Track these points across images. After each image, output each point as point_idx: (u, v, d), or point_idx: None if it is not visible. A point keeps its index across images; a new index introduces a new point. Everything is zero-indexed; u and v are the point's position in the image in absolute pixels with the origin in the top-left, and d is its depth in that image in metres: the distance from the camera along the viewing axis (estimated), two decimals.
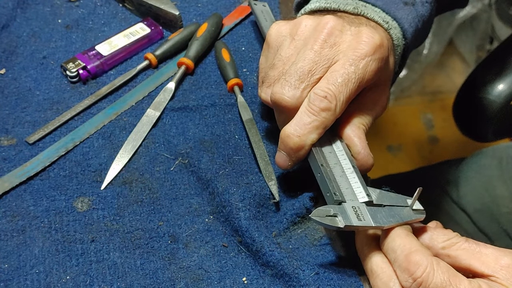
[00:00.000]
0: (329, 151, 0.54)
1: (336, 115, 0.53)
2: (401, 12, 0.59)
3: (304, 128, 0.52)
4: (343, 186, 0.52)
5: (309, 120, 0.52)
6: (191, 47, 0.71)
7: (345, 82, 0.52)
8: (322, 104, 0.51)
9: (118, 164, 0.61)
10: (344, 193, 0.51)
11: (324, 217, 0.48)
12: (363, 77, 0.53)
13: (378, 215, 0.50)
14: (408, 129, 1.86)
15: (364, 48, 0.53)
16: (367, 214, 0.49)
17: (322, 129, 0.53)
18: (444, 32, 1.83)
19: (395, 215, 0.50)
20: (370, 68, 0.53)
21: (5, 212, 0.57)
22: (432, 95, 1.94)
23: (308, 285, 0.52)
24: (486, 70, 0.94)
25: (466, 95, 0.95)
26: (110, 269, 0.54)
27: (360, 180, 0.52)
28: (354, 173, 0.52)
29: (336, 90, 0.52)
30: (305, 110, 0.52)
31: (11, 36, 0.73)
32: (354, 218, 0.49)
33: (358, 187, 0.51)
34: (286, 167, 0.55)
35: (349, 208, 0.49)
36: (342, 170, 0.53)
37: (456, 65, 1.97)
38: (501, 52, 0.99)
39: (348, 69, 0.52)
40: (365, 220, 0.49)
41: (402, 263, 0.46)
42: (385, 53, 0.54)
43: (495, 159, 0.93)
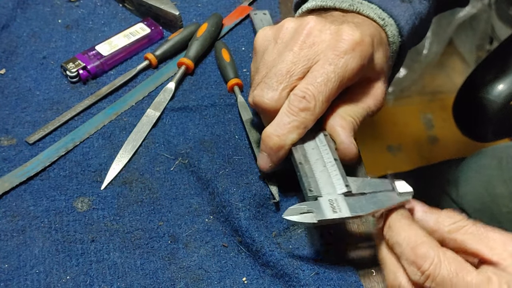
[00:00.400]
0: (312, 148, 0.54)
1: (316, 115, 0.53)
2: (398, 9, 0.59)
3: (284, 128, 0.53)
4: (322, 181, 0.51)
5: (289, 120, 0.52)
6: (191, 47, 0.71)
7: (324, 81, 0.52)
8: (301, 105, 0.52)
9: (118, 164, 0.61)
10: (323, 188, 0.51)
11: (297, 215, 0.48)
12: (343, 76, 0.53)
13: (357, 204, 0.49)
14: (408, 129, 1.86)
15: (343, 46, 0.53)
16: (344, 205, 0.49)
17: (302, 129, 0.53)
18: (444, 32, 1.83)
19: (377, 201, 0.50)
20: (350, 66, 0.53)
21: (5, 212, 0.57)
22: (432, 95, 1.94)
23: (308, 285, 0.52)
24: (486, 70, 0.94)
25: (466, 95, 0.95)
26: (110, 269, 0.54)
27: (341, 171, 0.52)
28: (335, 165, 0.52)
29: (315, 90, 0.52)
30: (285, 111, 0.53)
31: (11, 36, 0.73)
32: (328, 211, 0.49)
33: (338, 179, 0.51)
34: (268, 169, 0.55)
35: (324, 202, 0.49)
36: (324, 164, 0.53)
37: (456, 65, 1.97)
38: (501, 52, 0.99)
39: (327, 68, 0.52)
40: (341, 212, 0.49)
41: (409, 257, 0.46)
42: (366, 49, 0.54)
43: (495, 159, 0.93)
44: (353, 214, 0.49)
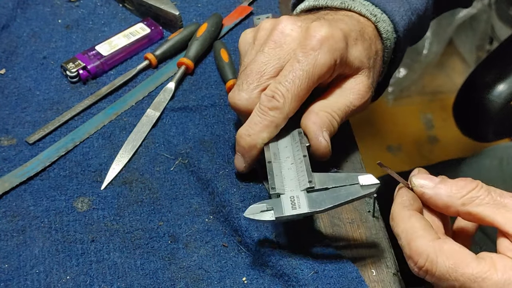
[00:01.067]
0: (284, 146, 0.55)
1: (286, 113, 0.53)
2: (392, 5, 0.59)
3: (255, 128, 0.53)
4: (288, 178, 0.52)
5: (259, 120, 0.53)
6: (191, 47, 0.71)
7: (293, 79, 0.52)
8: (270, 104, 0.52)
9: (118, 164, 0.61)
10: (287, 185, 0.51)
11: (258, 213, 0.49)
12: (313, 72, 0.52)
13: (318, 200, 0.50)
14: (408, 129, 1.86)
15: (310, 43, 0.53)
16: (304, 202, 0.50)
17: (273, 128, 0.53)
18: (444, 32, 1.83)
19: (338, 196, 0.50)
20: (319, 62, 0.52)
21: (5, 212, 0.57)
22: (432, 95, 1.94)
23: (308, 284, 0.52)
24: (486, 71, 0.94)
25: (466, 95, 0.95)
26: (110, 269, 0.54)
27: (307, 168, 0.52)
28: (303, 162, 0.52)
29: (284, 89, 0.52)
30: (256, 111, 0.53)
31: (11, 36, 0.73)
32: (288, 208, 0.49)
33: (303, 176, 0.51)
34: (243, 170, 0.56)
35: (285, 199, 0.50)
36: (292, 161, 0.53)
37: (456, 65, 1.97)
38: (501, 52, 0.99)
39: (295, 66, 0.52)
40: (300, 208, 0.49)
41: (406, 251, 0.45)
42: (336, 44, 0.53)
43: (495, 159, 0.93)
44: (311, 210, 0.49)
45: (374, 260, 0.56)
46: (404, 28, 0.60)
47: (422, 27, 0.67)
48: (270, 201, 0.50)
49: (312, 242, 0.56)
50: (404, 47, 0.63)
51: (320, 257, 0.55)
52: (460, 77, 1.91)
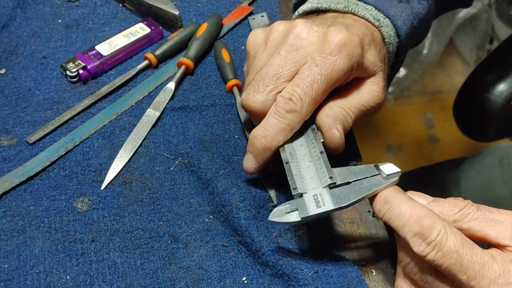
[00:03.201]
0: (300, 144, 0.55)
1: (302, 117, 0.53)
2: (394, 10, 0.59)
3: (271, 130, 0.53)
4: (307, 176, 0.52)
5: (276, 122, 0.53)
6: (191, 47, 0.71)
7: (311, 83, 0.52)
8: (287, 106, 0.52)
9: (118, 164, 0.61)
10: (308, 183, 0.51)
11: (282, 215, 0.49)
12: (331, 77, 0.53)
13: (342, 195, 0.49)
14: (408, 129, 1.86)
15: (329, 48, 0.53)
16: (328, 199, 0.49)
17: (288, 131, 0.53)
18: (444, 32, 1.83)
19: (362, 189, 0.50)
20: (337, 67, 0.53)
21: (5, 212, 0.57)
22: (432, 95, 1.94)
23: (308, 284, 0.52)
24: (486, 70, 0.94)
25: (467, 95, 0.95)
26: (110, 269, 0.54)
27: (326, 164, 0.52)
28: (321, 158, 0.52)
29: (301, 92, 0.52)
30: (272, 113, 0.53)
31: (11, 36, 0.73)
32: (312, 207, 0.49)
33: (323, 172, 0.51)
34: (252, 171, 0.56)
35: (309, 198, 0.50)
36: (310, 159, 0.53)
37: (456, 65, 1.97)
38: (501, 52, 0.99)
39: (314, 70, 0.52)
40: (325, 206, 0.49)
41: (413, 227, 0.45)
42: (354, 50, 0.54)
43: (495, 159, 0.93)
44: (336, 206, 0.49)
45: (374, 260, 0.56)
46: (406, 32, 0.60)
47: (424, 30, 0.67)
48: (293, 201, 0.50)
49: (312, 242, 0.56)
50: (405, 51, 0.63)
51: (320, 257, 0.55)
52: (460, 77, 1.91)
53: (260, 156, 0.54)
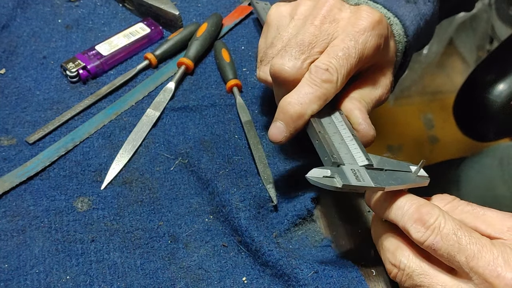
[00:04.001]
0: (328, 122, 0.54)
1: (337, 88, 0.53)
2: (403, 9, 0.60)
3: (306, 97, 0.52)
4: (342, 152, 0.51)
5: (311, 91, 0.52)
6: (191, 47, 0.71)
7: (346, 56, 0.52)
8: (324, 76, 0.52)
9: (118, 164, 0.61)
10: (343, 157, 0.50)
11: (321, 177, 0.47)
12: (363, 52, 0.53)
13: (379, 178, 0.49)
14: (408, 129, 1.86)
15: (363, 23, 0.53)
16: (366, 176, 0.48)
17: (323, 101, 0.53)
18: (444, 32, 1.83)
19: (397, 178, 0.50)
20: (369, 44, 0.53)
21: (5, 212, 0.57)
22: (432, 95, 1.94)
23: (308, 284, 0.52)
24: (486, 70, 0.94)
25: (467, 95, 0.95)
26: (110, 269, 0.54)
27: (360, 146, 0.51)
28: (354, 140, 0.52)
29: (337, 64, 0.52)
30: (307, 82, 0.52)
31: (11, 36, 0.73)
32: (352, 178, 0.48)
33: (358, 153, 0.51)
34: (280, 140, 0.53)
35: (347, 170, 0.49)
36: (342, 138, 0.53)
37: (456, 65, 1.97)
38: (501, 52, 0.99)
39: (348, 44, 0.53)
40: (365, 181, 0.48)
41: (412, 215, 0.46)
42: (384, 30, 0.54)
43: (495, 159, 0.93)
44: (376, 185, 0.48)
45: (374, 260, 0.56)
46: (413, 32, 0.61)
47: (429, 33, 0.68)
48: (332, 168, 0.48)
49: (312, 242, 0.56)
50: (412, 53, 0.64)
51: (320, 257, 0.55)
52: (460, 77, 1.91)
53: (293, 124, 0.53)
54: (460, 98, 0.97)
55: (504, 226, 0.46)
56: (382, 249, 0.51)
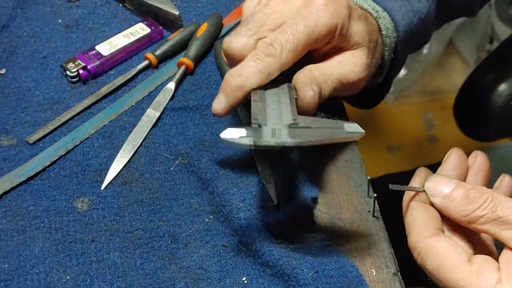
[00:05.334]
0: (272, 94, 0.54)
1: (281, 63, 0.52)
2: (393, 4, 0.60)
3: (247, 70, 0.52)
4: (271, 115, 0.50)
5: (253, 64, 0.52)
6: (191, 47, 0.71)
7: (293, 32, 0.52)
8: (267, 50, 0.52)
9: (118, 164, 0.61)
10: (270, 120, 0.49)
11: (235, 137, 0.46)
12: (313, 30, 0.52)
13: (301, 134, 0.48)
14: (408, 129, 1.86)
15: (316, 2, 0.53)
16: (285, 134, 0.48)
17: (265, 74, 0.52)
18: (444, 32, 1.83)
19: (323, 133, 0.48)
20: (321, 21, 0.52)
21: (5, 212, 0.57)
22: (432, 95, 1.94)
23: (308, 284, 0.52)
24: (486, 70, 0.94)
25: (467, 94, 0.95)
26: (110, 269, 0.54)
27: (292, 109, 0.50)
28: (289, 105, 0.51)
29: (283, 38, 0.52)
30: (251, 56, 0.53)
31: (11, 36, 0.73)
32: (267, 136, 0.47)
33: (287, 115, 0.50)
34: (221, 112, 0.53)
35: (266, 129, 0.48)
36: (278, 105, 0.52)
37: (456, 65, 1.97)
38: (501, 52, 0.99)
39: (297, 21, 0.53)
40: (280, 138, 0.47)
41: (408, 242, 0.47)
42: (340, 9, 0.53)
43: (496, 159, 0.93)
44: (292, 140, 0.47)
45: (374, 260, 0.56)
46: (404, 28, 0.60)
47: (425, 32, 0.67)
48: (250, 128, 0.48)
49: (312, 242, 0.56)
50: (405, 49, 0.63)
51: (320, 257, 0.55)
52: (460, 77, 1.91)
53: (232, 95, 0.53)
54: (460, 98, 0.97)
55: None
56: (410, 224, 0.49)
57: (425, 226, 0.47)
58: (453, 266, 0.44)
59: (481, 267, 0.44)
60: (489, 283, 0.43)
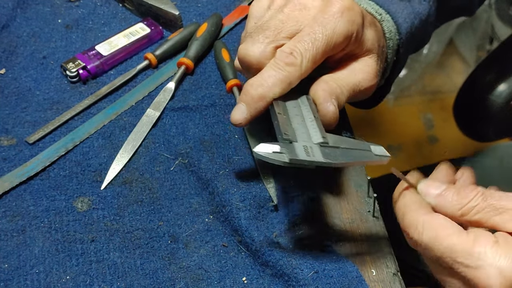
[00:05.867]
0: (293, 106, 0.54)
1: (301, 72, 0.53)
2: (395, 6, 0.60)
3: (268, 80, 0.52)
4: (298, 131, 0.51)
5: (274, 73, 0.52)
6: (191, 47, 0.71)
7: (312, 40, 0.52)
8: (287, 59, 0.52)
9: (118, 164, 0.61)
10: (299, 136, 0.50)
11: (269, 152, 0.47)
12: (331, 38, 0.53)
13: (332, 154, 0.48)
14: (408, 129, 1.86)
15: (332, 9, 0.53)
16: (318, 152, 0.48)
17: (286, 84, 0.53)
18: (444, 32, 1.83)
19: (351, 156, 0.49)
20: (338, 30, 0.53)
21: (5, 212, 0.57)
22: (432, 95, 1.94)
23: (308, 284, 0.52)
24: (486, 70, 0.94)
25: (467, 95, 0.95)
26: (110, 269, 0.54)
27: (319, 126, 0.51)
28: (314, 121, 0.52)
29: (302, 47, 0.52)
30: (271, 65, 0.53)
31: (11, 36, 0.73)
32: (302, 153, 0.47)
33: (315, 132, 0.50)
34: (241, 122, 0.53)
35: (299, 146, 0.48)
36: (302, 119, 0.52)
37: (456, 65, 1.97)
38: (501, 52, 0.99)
39: (316, 29, 0.53)
40: (315, 157, 0.47)
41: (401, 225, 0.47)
42: (356, 17, 0.54)
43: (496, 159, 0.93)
44: (326, 160, 0.47)
45: (374, 260, 0.56)
46: (407, 30, 0.61)
47: (425, 33, 0.67)
48: (282, 144, 0.48)
49: (312, 242, 0.56)
50: (406, 51, 0.63)
51: (320, 257, 0.55)
52: (460, 77, 1.91)
53: (253, 105, 0.53)
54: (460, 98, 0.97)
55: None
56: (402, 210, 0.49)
57: (420, 205, 0.47)
58: (450, 233, 0.44)
59: (477, 233, 0.44)
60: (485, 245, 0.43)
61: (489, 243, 0.43)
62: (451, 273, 0.44)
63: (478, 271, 0.42)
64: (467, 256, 0.43)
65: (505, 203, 0.46)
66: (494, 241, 0.43)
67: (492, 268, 0.42)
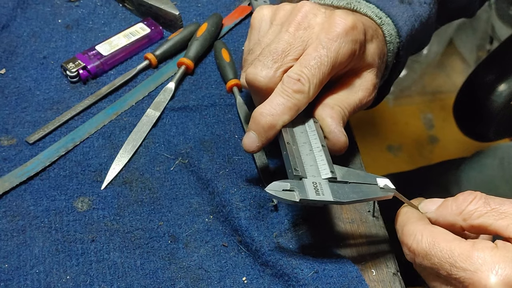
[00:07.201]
0: (300, 131, 0.55)
1: (309, 98, 0.53)
2: (396, 10, 0.60)
3: (277, 108, 0.53)
4: (307, 163, 0.51)
5: (283, 101, 0.53)
6: (191, 47, 0.71)
7: (318, 65, 0.53)
8: (295, 86, 0.52)
9: (118, 164, 0.61)
10: (308, 170, 0.51)
11: (280, 191, 0.48)
12: (336, 59, 0.53)
13: (340, 191, 0.49)
14: (408, 129, 1.86)
15: (335, 30, 0.53)
16: (327, 190, 0.49)
17: (294, 111, 0.53)
18: (444, 32, 1.83)
19: (360, 192, 0.50)
20: (342, 50, 0.53)
21: (5, 212, 0.57)
22: (432, 95, 1.94)
23: (308, 284, 0.52)
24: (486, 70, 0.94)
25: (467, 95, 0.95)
26: (110, 269, 0.54)
27: (327, 158, 0.52)
28: (322, 151, 0.52)
29: (309, 73, 0.53)
30: (279, 92, 0.53)
31: (11, 36, 0.73)
32: (311, 192, 0.48)
33: (324, 165, 0.51)
34: (253, 149, 0.54)
35: (308, 183, 0.49)
36: (310, 148, 0.53)
37: (456, 65, 1.97)
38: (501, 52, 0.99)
39: (321, 52, 0.53)
40: (324, 195, 0.49)
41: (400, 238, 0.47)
42: (359, 36, 0.54)
43: (496, 159, 0.93)
44: (335, 199, 0.49)
45: (374, 260, 0.56)
46: (407, 33, 0.61)
47: (425, 35, 0.68)
48: (293, 182, 0.49)
49: (312, 242, 0.56)
50: (406, 53, 0.63)
51: (320, 257, 0.55)
52: (460, 77, 1.91)
53: (264, 134, 0.53)
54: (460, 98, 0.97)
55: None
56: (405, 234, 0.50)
57: (420, 218, 0.48)
58: (449, 239, 0.45)
59: (475, 240, 0.45)
60: (484, 249, 0.43)
61: (488, 248, 0.43)
62: (448, 281, 0.44)
63: (476, 274, 0.42)
64: (466, 260, 0.43)
65: (507, 208, 0.46)
66: (493, 246, 0.43)
67: (490, 272, 0.42)
